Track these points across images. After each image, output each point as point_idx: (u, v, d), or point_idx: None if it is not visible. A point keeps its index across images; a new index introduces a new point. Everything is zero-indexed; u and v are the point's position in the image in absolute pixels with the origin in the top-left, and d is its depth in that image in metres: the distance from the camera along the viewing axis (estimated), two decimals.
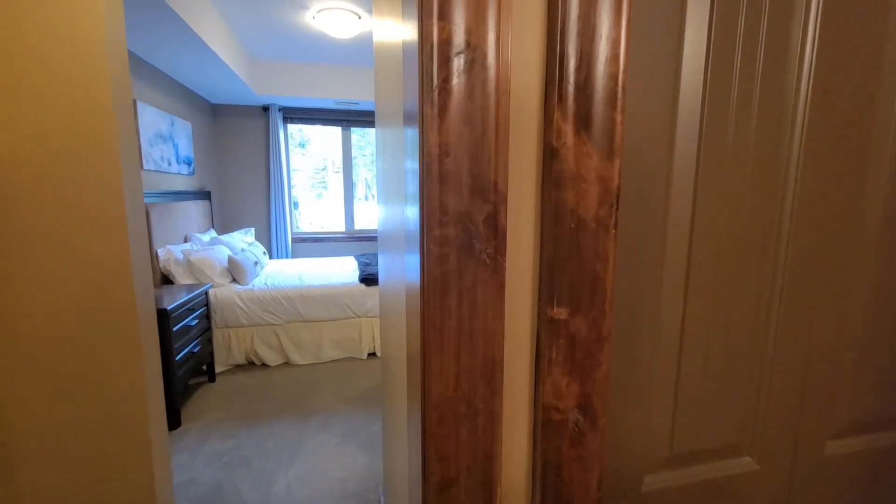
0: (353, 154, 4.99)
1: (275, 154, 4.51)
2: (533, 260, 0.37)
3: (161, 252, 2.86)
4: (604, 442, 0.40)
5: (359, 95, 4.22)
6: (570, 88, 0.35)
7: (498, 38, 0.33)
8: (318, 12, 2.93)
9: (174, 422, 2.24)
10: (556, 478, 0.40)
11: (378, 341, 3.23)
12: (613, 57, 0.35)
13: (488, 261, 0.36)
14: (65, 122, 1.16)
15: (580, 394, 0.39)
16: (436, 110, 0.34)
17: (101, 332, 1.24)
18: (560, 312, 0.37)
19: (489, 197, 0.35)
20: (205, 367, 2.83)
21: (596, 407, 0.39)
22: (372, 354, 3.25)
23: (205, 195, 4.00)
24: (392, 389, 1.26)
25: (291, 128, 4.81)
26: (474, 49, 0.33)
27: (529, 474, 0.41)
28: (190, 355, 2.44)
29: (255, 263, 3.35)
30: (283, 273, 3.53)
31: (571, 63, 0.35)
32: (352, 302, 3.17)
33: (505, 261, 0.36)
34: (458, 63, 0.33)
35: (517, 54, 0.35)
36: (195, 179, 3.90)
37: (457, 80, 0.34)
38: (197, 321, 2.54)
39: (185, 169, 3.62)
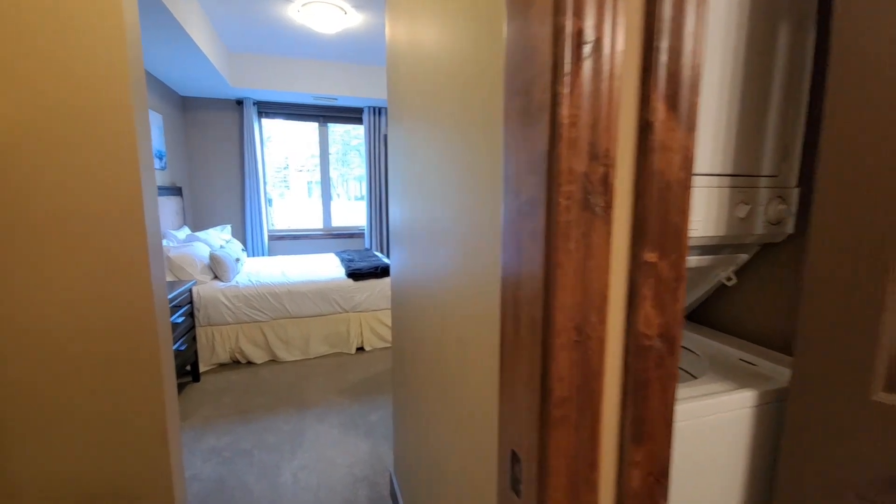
0: (314, 152, 4.94)
1: (249, 149, 4.40)
2: (629, 213, 0.46)
3: None
4: (677, 365, 0.50)
5: (338, 91, 4.20)
6: (663, 75, 0.44)
7: (612, 33, 0.42)
8: (302, 6, 2.91)
9: None
10: (643, 394, 0.49)
11: (366, 336, 3.25)
12: (696, 51, 0.44)
13: (600, 213, 0.45)
14: (86, 116, 1.14)
15: (662, 324, 0.48)
16: (567, 90, 0.42)
17: (117, 322, 1.23)
18: (651, 256, 0.46)
19: (603, 161, 0.44)
20: (188, 367, 2.74)
21: (674, 335, 0.49)
22: (360, 349, 3.26)
23: (176, 191, 3.85)
24: (412, 377, 1.32)
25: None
26: (597, 41, 0.42)
27: (620, 391, 0.50)
28: (176, 354, 2.37)
29: (237, 260, 3.27)
30: (265, 270, 3.47)
31: (664, 55, 0.44)
32: (340, 297, 3.17)
33: (612, 212, 0.45)
34: (585, 51, 0.42)
35: (622, 46, 0.44)
36: (166, 174, 3.75)
37: (583, 65, 0.42)
38: (182, 319, 2.47)
39: (156, 163, 3.48)
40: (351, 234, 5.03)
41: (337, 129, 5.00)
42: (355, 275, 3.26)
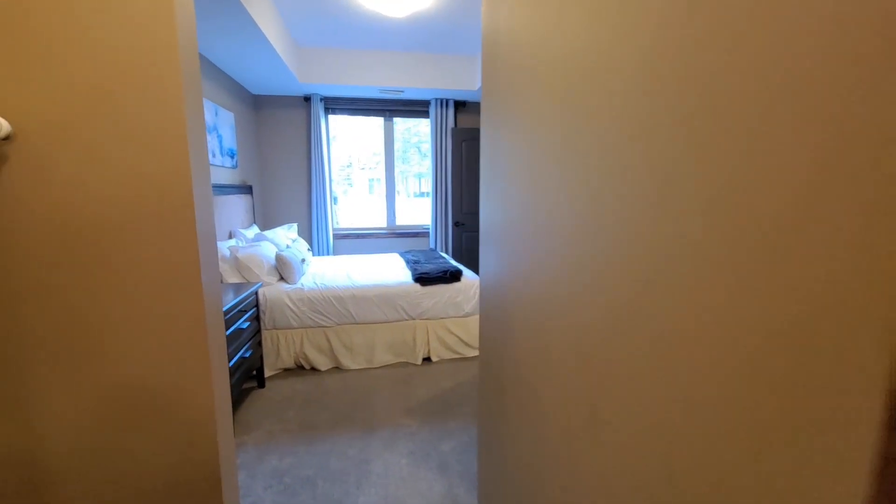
0: (376, 150, 4.76)
1: (316, 146, 4.33)
2: None
3: None
4: None
5: (405, 82, 3.98)
6: None
7: None
8: None
9: None
10: None
11: (433, 346, 2.99)
12: None
13: None
14: (128, 108, 0.95)
15: None
16: None
17: (165, 332, 1.03)
18: None
19: None
20: (254, 373, 2.65)
21: None
22: (426, 360, 3.01)
23: (247, 189, 3.86)
24: (516, 412, 1.00)
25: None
26: None
27: None
28: (242, 361, 2.26)
29: (303, 261, 3.16)
30: (329, 271, 3.34)
31: None
32: (406, 303, 2.93)
33: None
34: None
35: None
36: (238, 173, 3.75)
37: None
38: (248, 323, 2.36)
39: (228, 161, 3.47)
40: (415, 234, 4.82)
41: (398, 127, 4.81)
42: (423, 279, 3.00)
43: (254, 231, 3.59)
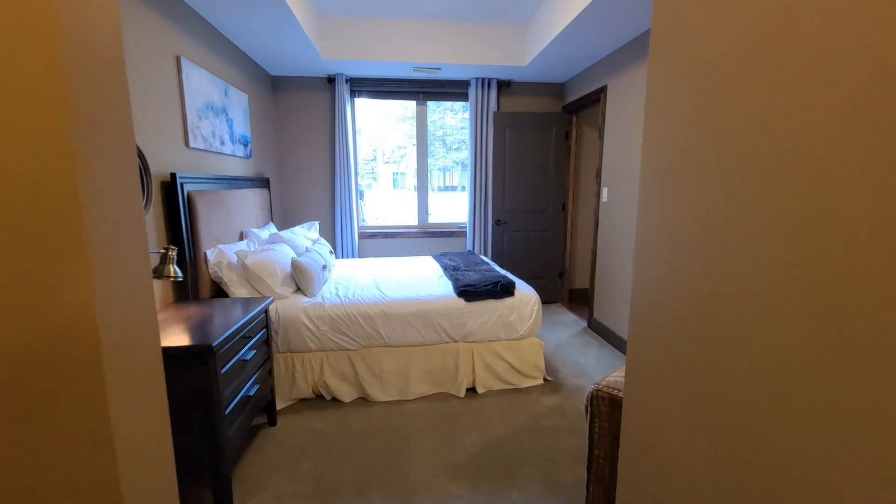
0: (401, 143, 4.21)
1: (341, 134, 3.83)
2: None
3: (211, 254, 2.23)
4: None
5: (443, 58, 3.41)
6: None
7: None
8: None
9: (224, 500, 1.58)
10: None
11: (479, 374, 2.45)
12: None
13: None
14: None
15: None
16: None
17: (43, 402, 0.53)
18: None
19: None
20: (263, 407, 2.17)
21: None
22: (471, 390, 2.47)
23: (263, 183, 3.39)
24: None
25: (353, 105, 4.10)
26: None
27: None
28: (245, 401, 1.77)
29: (324, 267, 2.66)
30: (355, 279, 2.84)
31: None
32: (447, 323, 2.40)
33: None
34: None
35: None
36: (252, 163, 3.29)
37: None
38: (255, 352, 1.87)
39: (240, 150, 3.00)
40: (450, 233, 4.28)
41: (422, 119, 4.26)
42: (467, 293, 2.46)
43: (269, 231, 3.12)
